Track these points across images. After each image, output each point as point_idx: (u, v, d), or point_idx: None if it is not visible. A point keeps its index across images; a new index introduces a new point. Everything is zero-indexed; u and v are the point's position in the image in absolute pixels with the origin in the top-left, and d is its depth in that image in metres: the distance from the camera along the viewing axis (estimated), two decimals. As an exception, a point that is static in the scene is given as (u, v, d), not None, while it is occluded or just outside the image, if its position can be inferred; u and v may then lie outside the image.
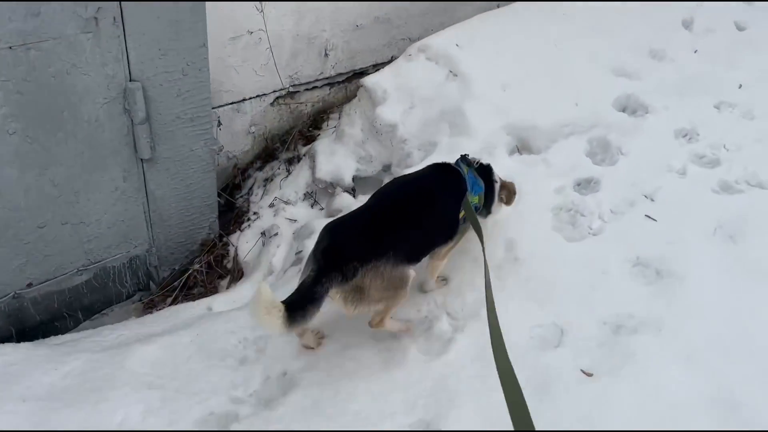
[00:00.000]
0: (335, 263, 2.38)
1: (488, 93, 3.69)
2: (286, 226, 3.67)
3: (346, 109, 3.98)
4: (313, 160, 3.83)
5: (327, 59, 4.11)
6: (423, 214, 2.62)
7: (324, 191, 3.77)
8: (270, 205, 3.81)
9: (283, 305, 2.25)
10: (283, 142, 4.11)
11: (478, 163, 2.91)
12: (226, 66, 3.64)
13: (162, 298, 3.54)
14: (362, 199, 3.64)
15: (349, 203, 3.61)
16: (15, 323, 3.20)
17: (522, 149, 3.61)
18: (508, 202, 3.06)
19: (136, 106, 2.93)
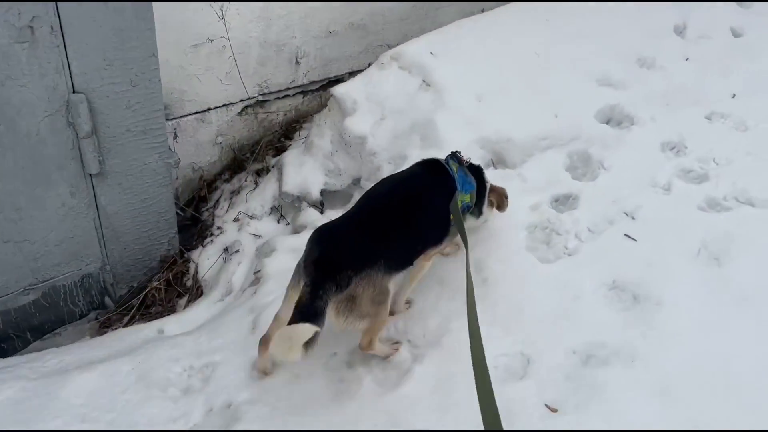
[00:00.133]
0: (329, 273, 2.27)
1: (462, 104, 3.50)
2: (249, 242, 3.50)
3: (316, 119, 3.81)
4: (281, 173, 3.66)
5: (299, 67, 3.94)
6: (413, 216, 2.52)
7: (291, 205, 3.60)
8: (235, 219, 3.64)
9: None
10: (253, 153, 3.95)
11: (468, 161, 2.81)
12: (188, 74, 3.49)
13: (119, 317, 3.39)
14: (330, 215, 3.49)
15: (315, 219, 3.44)
16: (-42, 345, 3.08)
17: (497, 163, 3.43)
18: (500, 207, 2.96)
19: (80, 119, 2.77)
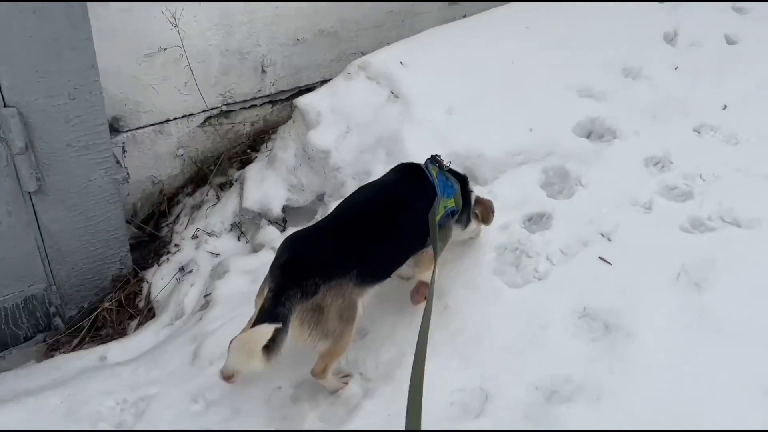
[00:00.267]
0: (295, 279, 2.15)
1: (431, 117, 3.31)
2: (206, 261, 3.32)
3: (281, 131, 3.64)
4: (242, 187, 3.48)
5: (265, 75, 3.77)
6: (391, 225, 2.40)
7: (251, 222, 3.42)
8: (193, 237, 3.47)
9: None
10: (217, 165, 3.79)
11: (449, 165, 2.68)
12: (143, 85, 3.33)
13: (68, 339, 3.23)
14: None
15: (274, 238, 3.25)
16: None
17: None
18: (486, 220, 2.82)
19: (11, 134, 2.61)
